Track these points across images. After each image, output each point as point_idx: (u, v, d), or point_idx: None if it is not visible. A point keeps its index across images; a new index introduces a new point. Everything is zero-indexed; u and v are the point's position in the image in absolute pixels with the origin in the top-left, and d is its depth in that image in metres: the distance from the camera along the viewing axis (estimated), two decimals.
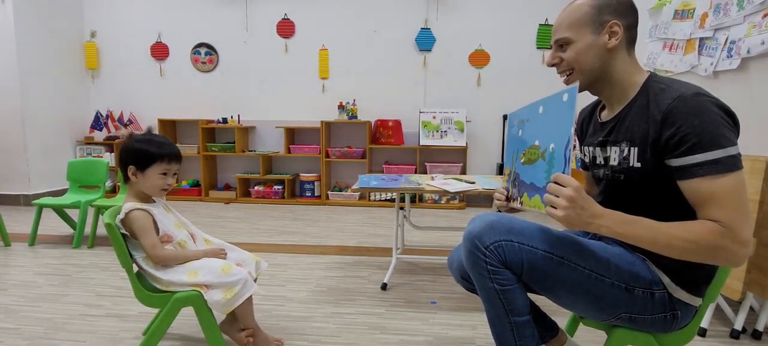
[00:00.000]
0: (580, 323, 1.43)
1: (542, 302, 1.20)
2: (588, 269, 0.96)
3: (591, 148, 1.13)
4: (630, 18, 0.99)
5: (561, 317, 1.41)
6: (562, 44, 1.03)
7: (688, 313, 1.00)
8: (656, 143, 0.90)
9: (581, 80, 1.02)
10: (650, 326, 1.00)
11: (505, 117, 4.34)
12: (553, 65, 1.06)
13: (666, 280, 0.97)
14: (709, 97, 0.88)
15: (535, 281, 0.99)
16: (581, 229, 0.89)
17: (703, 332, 1.63)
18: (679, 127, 0.86)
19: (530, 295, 1.05)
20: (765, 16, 1.90)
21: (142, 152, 1.36)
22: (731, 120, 0.87)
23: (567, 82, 1.04)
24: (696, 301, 1.00)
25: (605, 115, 1.09)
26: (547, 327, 1.30)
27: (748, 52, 1.99)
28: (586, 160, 1.17)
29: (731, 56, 2.12)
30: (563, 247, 0.98)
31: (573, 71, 1.03)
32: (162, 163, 1.37)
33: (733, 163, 0.84)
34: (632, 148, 0.96)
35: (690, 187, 0.87)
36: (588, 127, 1.17)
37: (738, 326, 1.61)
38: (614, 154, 1.02)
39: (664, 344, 1.03)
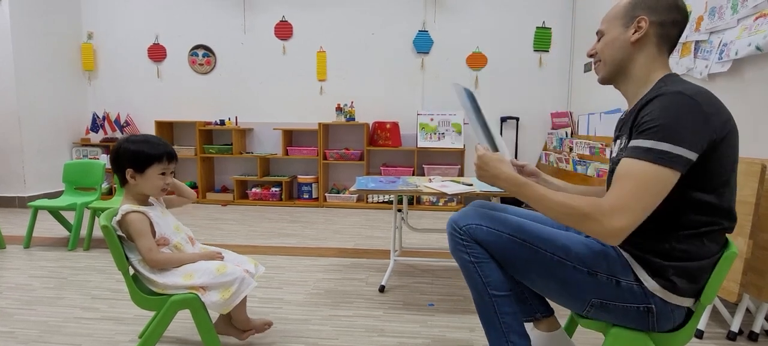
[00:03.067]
0: (578, 326, 1.44)
1: None
2: (549, 251, 1.03)
3: (612, 145, 1.18)
4: (664, 15, 1.00)
5: (562, 318, 1.41)
6: (599, 36, 1.09)
7: (668, 311, 0.98)
8: (631, 132, 0.95)
9: (603, 71, 1.09)
10: (625, 318, 1.01)
11: (502, 119, 4.35)
12: (591, 56, 1.13)
13: (639, 271, 0.98)
14: (691, 98, 0.88)
15: (507, 263, 1.10)
16: (490, 184, 1.10)
17: (699, 334, 1.63)
18: (646, 115, 0.91)
19: None
20: (757, 19, 1.92)
21: (139, 154, 1.35)
22: (704, 125, 0.87)
23: (595, 71, 1.12)
24: (678, 299, 0.97)
25: (626, 113, 1.12)
26: (541, 306, 1.32)
27: (736, 53, 2.00)
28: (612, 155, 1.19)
29: (722, 59, 2.13)
30: (528, 233, 1.06)
31: (600, 62, 1.09)
32: (160, 163, 1.37)
33: (661, 158, 0.86)
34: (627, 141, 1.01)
35: (619, 163, 0.92)
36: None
37: (734, 328, 1.61)
38: (616, 148, 1.08)
39: (661, 345, 1.03)
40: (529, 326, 1.32)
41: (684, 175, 0.88)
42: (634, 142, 0.91)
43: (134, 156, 1.35)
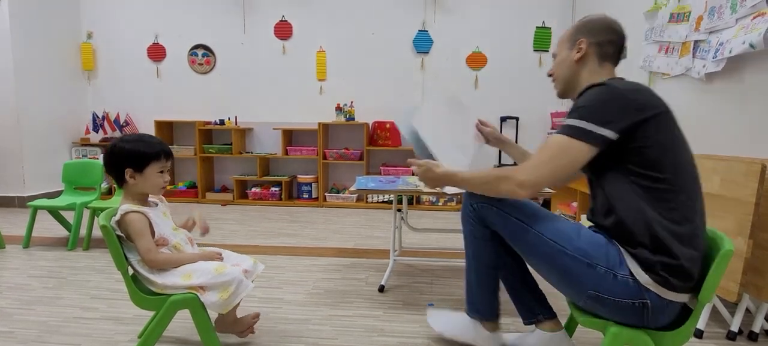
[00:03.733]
0: (578, 326, 1.44)
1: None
2: (551, 239, 1.13)
3: None
4: (600, 36, 1.20)
5: (562, 318, 1.41)
6: (554, 58, 1.30)
7: (663, 306, 1.01)
8: None
9: (558, 87, 1.29)
10: (620, 313, 1.05)
11: (502, 119, 4.35)
12: (549, 75, 1.32)
13: (633, 266, 1.03)
14: (614, 87, 1.05)
15: (514, 244, 1.23)
16: (434, 185, 1.36)
17: (699, 334, 1.63)
18: (578, 99, 1.11)
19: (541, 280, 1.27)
20: (755, 18, 1.92)
21: (138, 153, 1.35)
22: (622, 109, 1.02)
23: (554, 88, 1.31)
24: (672, 295, 1.01)
25: None
26: (544, 309, 1.40)
27: (730, 51, 2.00)
28: None
29: (716, 57, 2.13)
30: (536, 219, 1.18)
31: (555, 79, 1.29)
32: (159, 162, 1.38)
33: (577, 133, 1.04)
34: None
35: None
36: None
37: (734, 328, 1.61)
38: None
39: (660, 344, 1.04)
40: (532, 327, 1.43)
41: (636, 162, 1.02)
42: (566, 119, 1.09)
43: (132, 156, 1.35)
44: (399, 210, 2.22)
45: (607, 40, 1.19)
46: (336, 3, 4.36)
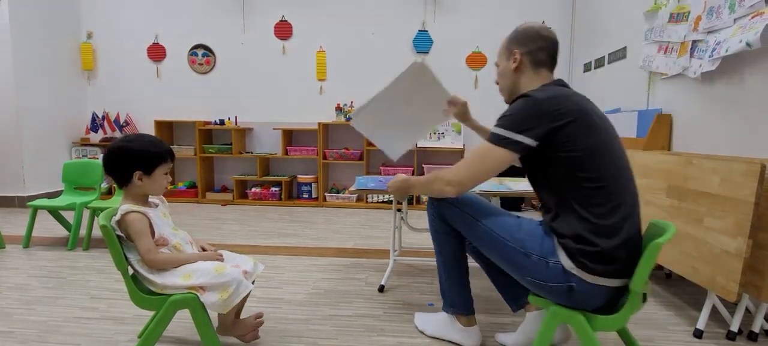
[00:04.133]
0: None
1: None
2: (496, 232, 1.29)
3: None
4: (531, 45, 1.31)
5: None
6: (497, 67, 1.42)
7: (588, 290, 1.13)
8: None
9: (504, 95, 1.41)
10: (554, 295, 1.19)
11: None
12: (497, 83, 1.44)
13: (561, 254, 1.17)
14: (533, 98, 1.17)
15: (468, 236, 1.38)
16: (396, 193, 1.52)
17: (699, 334, 1.63)
18: (505, 110, 1.24)
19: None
20: (753, 17, 1.92)
21: (148, 155, 1.35)
22: (538, 117, 1.15)
23: (501, 95, 1.43)
24: (594, 279, 1.12)
25: None
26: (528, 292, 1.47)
27: (726, 50, 2.00)
28: None
29: (712, 56, 2.14)
30: (482, 213, 1.33)
31: (501, 89, 1.42)
32: (166, 164, 1.38)
33: (498, 141, 1.19)
34: None
35: None
36: None
37: (734, 328, 1.61)
38: None
39: (595, 325, 1.15)
40: (521, 311, 1.58)
41: (561, 163, 1.14)
42: (493, 128, 1.23)
43: (142, 158, 1.34)
44: (399, 210, 2.22)
45: (538, 48, 1.30)
46: (336, 3, 4.36)
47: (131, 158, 1.34)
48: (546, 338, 1.21)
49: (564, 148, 1.14)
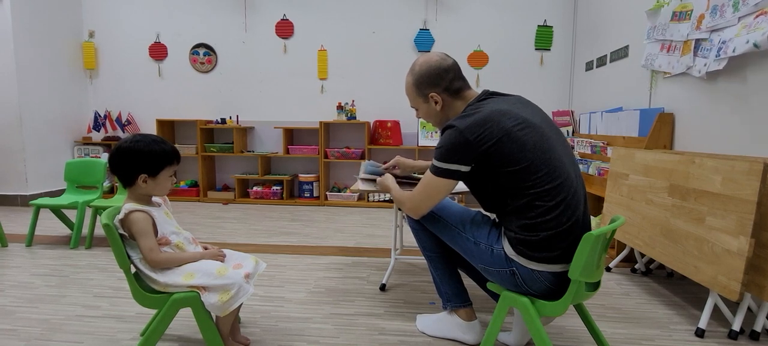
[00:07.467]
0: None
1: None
2: (453, 224, 1.42)
3: None
4: (443, 82, 1.40)
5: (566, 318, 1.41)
6: (416, 110, 1.52)
7: (529, 274, 1.23)
8: None
9: (437, 127, 1.50)
10: (501, 280, 1.31)
11: None
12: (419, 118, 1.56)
13: (504, 242, 1.28)
14: (457, 129, 1.25)
15: (434, 230, 1.49)
16: (382, 191, 1.65)
17: (701, 333, 1.63)
18: (440, 137, 1.33)
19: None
20: (757, 16, 1.91)
21: (153, 158, 1.34)
22: (465, 147, 1.23)
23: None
24: (531, 264, 1.22)
25: None
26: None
27: (734, 50, 1.99)
28: None
29: (719, 56, 2.12)
30: (446, 211, 1.44)
31: (433, 125, 1.50)
32: (171, 166, 1.38)
33: (438, 172, 1.30)
34: None
35: None
36: None
37: (736, 327, 1.61)
38: None
39: (540, 309, 1.24)
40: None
41: (497, 176, 1.24)
42: (433, 161, 1.33)
43: (147, 160, 1.34)
44: (400, 209, 2.22)
45: (449, 80, 1.40)
46: (337, 2, 4.36)
47: (137, 160, 1.34)
48: (497, 320, 1.32)
49: (498, 166, 1.23)
